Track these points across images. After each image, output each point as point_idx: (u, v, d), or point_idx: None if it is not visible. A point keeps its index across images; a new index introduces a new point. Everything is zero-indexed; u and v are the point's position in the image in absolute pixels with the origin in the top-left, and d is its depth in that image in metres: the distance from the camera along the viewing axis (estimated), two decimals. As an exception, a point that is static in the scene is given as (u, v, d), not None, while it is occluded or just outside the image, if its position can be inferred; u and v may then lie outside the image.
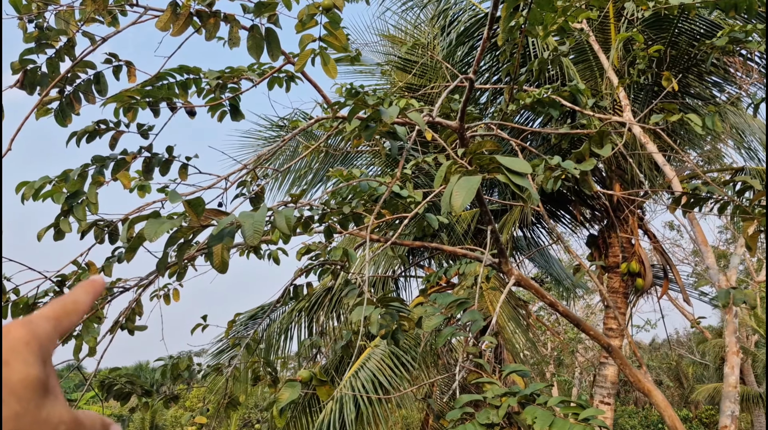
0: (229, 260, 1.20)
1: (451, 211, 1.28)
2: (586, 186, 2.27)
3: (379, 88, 7.02)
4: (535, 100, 3.35)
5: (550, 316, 20.11)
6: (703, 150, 7.84)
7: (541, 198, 7.62)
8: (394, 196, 3.20)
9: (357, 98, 1.67)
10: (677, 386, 31.76)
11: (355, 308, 2.02)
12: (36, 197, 2.30)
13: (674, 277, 7.07)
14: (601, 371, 7.12)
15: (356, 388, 5.83)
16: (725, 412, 3.41)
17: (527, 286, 3.26)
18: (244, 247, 3.46)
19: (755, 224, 2.47)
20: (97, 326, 2.70)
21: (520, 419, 2.04)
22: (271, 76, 2.87)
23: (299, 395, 6.62)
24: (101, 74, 2.55)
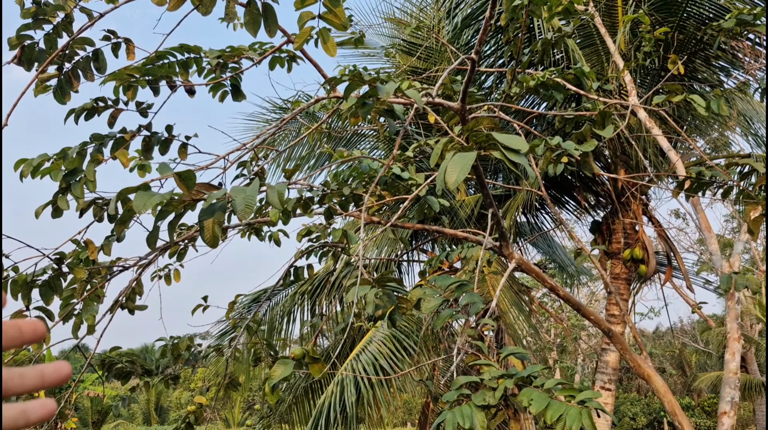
0: (221, 235, 1.19)
1: (447, 189, 1.26)
2: (587, 168, 2.25)
3: (383, 71, 6.97)
4: (539, 83, 3.31)
5: (553, 302, 20.13)
6: (711, 137, 7.78)
7: (545, 183, 7.58)
8: (395, 178, 3.19)
9: (353, 74, 1.65)
10: (680, 374, 31.82)
11: (351, 288, 2.01)
12: (34, 175, 2.29)
13: (678, 264, 7.04)
14: (603, 357, 7.12)
15: (357, 371, 5.85)
16: (725, 398, 3.40)
17: (528, 270, 3.25)
18: (245, 228, 3.45)
19: (759, 209, 2.44)
20: (96, 304, 2.70)
21: (517, 401, 2.04)
22: (273, 56, 2.85)
23: (301, 378, 6.63)
24: (100, 51, 2.53)
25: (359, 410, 6.02)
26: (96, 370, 3.61)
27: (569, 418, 1.86)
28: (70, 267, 2.47)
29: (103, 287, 2.81)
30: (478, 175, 2.44)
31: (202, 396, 3.31)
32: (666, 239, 7.21)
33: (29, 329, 0.51)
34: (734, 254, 3.59)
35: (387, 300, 2.19)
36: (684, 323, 34.11)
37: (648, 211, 7.20)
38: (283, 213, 2.74)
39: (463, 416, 1.98)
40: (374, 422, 6.72)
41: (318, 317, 6.89)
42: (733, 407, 3.38)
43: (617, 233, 7.01)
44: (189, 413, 3.49)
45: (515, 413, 2.01)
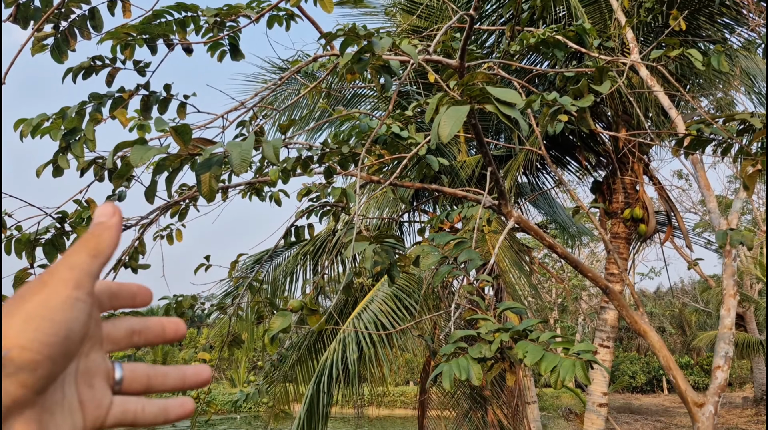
0: (217, 189, 1.21)
1: (441, 142, 1.28)
2: (584, 124, 2.25)
3: (384, 30, 6.89)
4: (539, 41, 3.28)
5: (554, 263, 20.25)
6: (715, 97, 7.71)
7: (546, 143, 7.56)
8: (395, 137, 3.19)
9: (349, 30, 1.65)
10: (680, 333, 32.18)
11: (350, 244, 2.04)
12: (34, 134, 2.30)
13: (678, 224, 7.06)
14: (602, 315, 7.21)
15: (359, 328, 5.94)
16: (719, 352, 3.46)
17: (527, 228, 3.27)
18: (246, 188, 3.47)
19: (758, 165, 2.45)
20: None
21: (512, 353, 2.08)
22: (270, 14, 2.83)
23: (304, 337, 6.70)
24: (96, 9, 2.51)
25: (361, 368, 6.13)
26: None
27: (563, 369, 1.91)
28: (73, 226, 2.50)
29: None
30: (477, 133, 2.44)
31: (206, 352, 3.38)
32: (667, 198, 7.22)
33: (171, 329, 0.52)
34: (732, 211, 3.61)
35: (385, 256, 2.23)
36: (684, 283, 34.36)
37: (649, 171, 7.19)
38: (283, 172, 2.75)
39: (460, 368, 2.03)
40: (376, 380, 6.86)
41: (318, 275, 6.97)
42: (726, 362, 3.44)
43: (618, 192, 7.02)
44: (194, 370, 3.56)
45: (511, 366, 2.05)
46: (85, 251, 0.45)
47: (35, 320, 0.39)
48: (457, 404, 7.33)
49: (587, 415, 7.21)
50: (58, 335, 0.40)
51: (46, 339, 0.40)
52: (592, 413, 7.11)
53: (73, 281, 0.42)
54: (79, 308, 0.42)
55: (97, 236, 0.46)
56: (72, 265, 0.43)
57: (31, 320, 0.39)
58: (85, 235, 0.47)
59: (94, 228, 0.47)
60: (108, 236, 0.46)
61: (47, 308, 0.40)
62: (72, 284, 0.42)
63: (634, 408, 23.21)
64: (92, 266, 0.44)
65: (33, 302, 0.40)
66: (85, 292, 0.43)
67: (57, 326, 0.40)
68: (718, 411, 3.36)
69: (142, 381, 0.49)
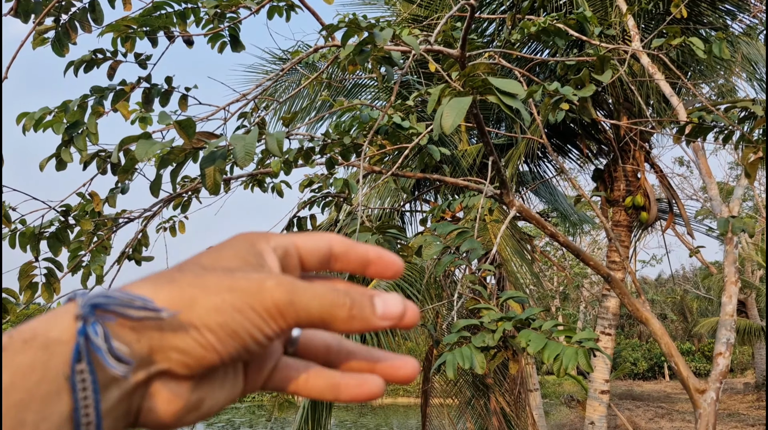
0: (221, 182, 1.21)
1: (443, 133, 1.28)
2: (585, 113, 2.25)
3: (384, 20, 6.87)
4: (540, 29, 3.28)
5: (556, 251, 20.27)
6: (716, 83, 7.69)
7: (547, 132, 7.55)
8: (396, 127, 3.19)
9: (350, 21, 1.65)
10: (681, 320, 32.26)
11: (352, 236, 2.05)
12: (37, 128, 2.31)
13: (679, 211, 7.07)
14: (603, 303, 7.23)
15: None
16: (721, 339, 3.48)
17: (528, 217, 3.28)
18: (248, 179, 3.48)
19: (759, 153, 2.45)
20: (103, 255, 2.75)
21: (515, 342, 2.10)
22: (270, 5, 2.82)
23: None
24: (96, 2, 2.51)
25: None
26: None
27: (565, 357, 1.92)
28: (77, 219, 2.51)
29: (109, 239, 2.86)
30: (478, 123, 2.45)
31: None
32: (668, 186, 7.22)
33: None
34: (734, 198, 3.61)
35: (388, 246, 2.24)
36: (686, 270, 34.41)
37: (650, 159, 7.19)
38: (285, 164, 2.76)
39: (463, 357, 2.05)
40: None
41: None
42: (728, 349, 3.46)
43: (619, 180, 7.02)
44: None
45: (514, 355, 2.07)
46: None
47: (228, 312, 0.34)
48: (460, 392, 7.37)
49: (589, 402, 7.25)
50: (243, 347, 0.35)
51: (228, 344, 0.35)
52: (594, 400, 7.15)
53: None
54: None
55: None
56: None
57: (224, 311, 0.34)
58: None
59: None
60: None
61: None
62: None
63: (636, 395, 23.32)
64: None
65: (237, 291, 0.35)
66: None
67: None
68: (719, 397, 3.38)
69: (320, 351, 0.42)
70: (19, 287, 2.51)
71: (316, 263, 0.41)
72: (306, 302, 0.36)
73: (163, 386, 0.34)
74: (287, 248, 0.40)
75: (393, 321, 0.38)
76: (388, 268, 0.42)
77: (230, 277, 0.35)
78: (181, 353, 0.33)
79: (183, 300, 0.34)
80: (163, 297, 0.33)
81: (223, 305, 0.34)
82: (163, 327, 0.33)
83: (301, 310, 0.36)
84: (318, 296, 0.36)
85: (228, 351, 0.35)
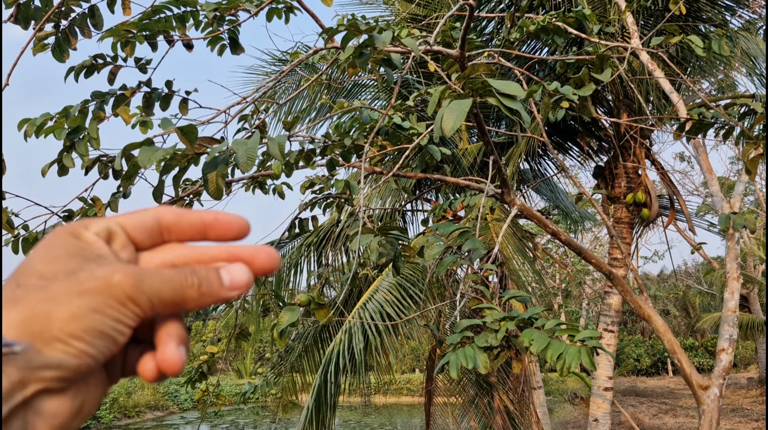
0: (224, 187, 1.22)
1: (444, 136, 1.28)
2: (585, 112, 2.26)
3: (382, 19, 6.87)
4: (539, 28, 3.28)
5: (558, 248, 20.26)
6: (716, 78, 7.68)
7: (548, 130, 7.55)
8: (397, 128, 3.19)
9: (350, 24, 1.65)
10: (684, 315, 32.26)
11: (355, 237, 2.06)
12: (38, 134, 2.31)
13: (681, 207, 7.07)
14: (606, 300, 7.23)
15: (364, 318, 5.97)
16: (724, 335, 3.48)
17: (530, 215, 3.29)
18: (249, 182, 3.48)
19: (760, 149, 2.45)
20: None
21: (518, 341, 2.10)
22: (269, 7, 2.83)
23: (310, 327, 6.73)
24: (96, 7, 2.52)
25: (367, 357, 6.17)
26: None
27: (569, 356, 1.93)
28: (79, 224, 2.51)
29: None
30: (478, 122, 2.45)
31: (213, 346, 3.40)
32: (669, 182, 7.22)
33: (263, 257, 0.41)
34: (735, 194, 3.61)
35: (390, 248, 2.24)
36: (688, 265, 34.41)
37: (651, 155, 7.19)
38: (286, 165, 2.77)
39: (467, 357, 2.05)
40: (383, 369, 6.90)
41: (324, 267, 7.00)
42: (731, 345, 3.46)
43: (620, 177, 7.02)
44: (202, 363, 3.59)
45: (517, 354, 2.07)
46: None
47: (87, 316, 0.34)
48: (464, 390, 7.37)
49: (593, 399, 7.25)
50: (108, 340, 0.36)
51: (98, 344, 0.35)
52: (598, 397, 7.16)
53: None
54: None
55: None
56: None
57: (80, 318, 0.34)
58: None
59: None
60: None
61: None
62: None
63: (639, 391, 23.31)
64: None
65: (87, 294, 0.35)
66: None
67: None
68: (722, 393, 3.39)
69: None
70: (23, 293, 2.51)
71: (146, 237, 0.41)
72: (156, 289, 0.36)
73: (46, 402, 0.34)
74: (110, 230, 0.39)
75: (242, 289, 0.39)
76: (230, 229, 0.42)
77: (76, 281, 0.35)
78: (54, 370, 0.33)
79: (37, 319, 0.33)
80: (14, 321, 0.33)
81: (80, 311, 0.34)
82: (26, 353, 0.33)
83: (153, 296, 0.36)
84: (166, 280, 0.37)
85: (100, 351, 0.35)
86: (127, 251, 0.40)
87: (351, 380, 6.51)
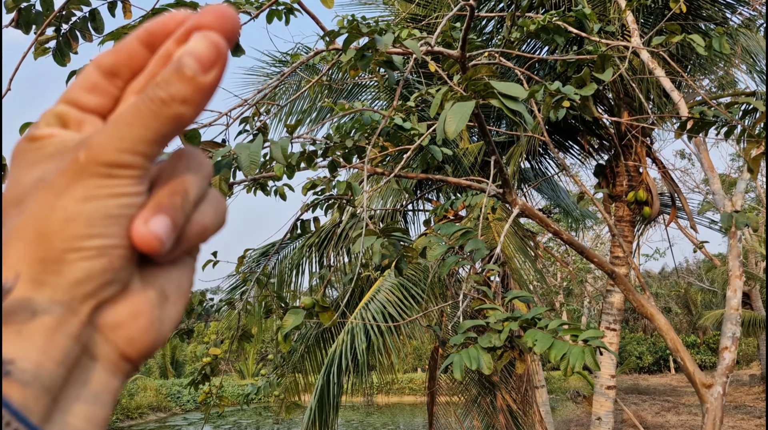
0: (227, 192, 1.22)
1: (447, 138, 1.29)
2: (587, 112, 2.26)
3: (382, 20, 6.87)
4: (539, 27, 3.28)
5: (559, 247, 20.25)
6: (716, 76, 7.68)
7: (549, 128, 7.55)
8: (398, 128, 3.20)
9: (351, 26, 1.66)
10: (686, 313, 32.24)
11: (357, 239, 2.06)
12: (40, 138, 2.31)
13: (682, 204, 7.07)
14: (608, 298, 7.23)
15: (366, 319, 5.98)
16: (726, 333, 3.48)
17: (531, 215, 3.29)
18: (250, 184, 3.49)
19: (759, 147, 2.45)
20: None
21: (522, 342, 2.10)
22: (270, 9, 2.83)
23: (312, 328, 6.74)
24: (96, 11, 2.52)
25: (370, 357, 6.18)
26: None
27: (572, 356, 1.93)
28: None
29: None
30: (480, 122, 2.45)
31: (216, 348, 3.41)
32: (670, 180, 7.22)
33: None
34: (737, 192, 3.61)
35: (393, 249, 2.24)
36: (689, 262, 34.40)
37: (652, 153, 7.19)
38: (288, 167, 2.77)
39: (470, 358, 2.05)
40: (385, 368, 6.91)
41: (326, 269, 7.00)
42: (734, 343, 3.46)
43: (621, 175, 7.02)
44: (205, 365, 3.60)
45: (520, 354, 2.08)
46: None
47: (78, 213, 0.29)
48: (466, 390, 7.38)
49: (596, 398, 7.25)
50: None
51: (111, 230, 0.30)
52: (601, 395, 7.16)
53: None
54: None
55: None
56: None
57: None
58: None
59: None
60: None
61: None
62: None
63: (642, 389, 23.31)
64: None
65: (66, 192, 0.29)
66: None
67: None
68: (726, 391, 3.39)
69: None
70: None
71: (100, 96, 0.33)
72: (131, 136, 0.30)
73: (109, 315, 0.30)
74: (59, 113, 0.33)
75: (217, 60, 0.30)
76: (166, 28, 0.32)
77: (47, 186, 0.30)
78: (87, 282, 0.29)
79: (32, 245, 0.29)
80: (14, 261, 0.29)
81: (69, 210, 0.29)
82: (44, 281, 0.28)
83: (137, 145, 0.30)
84: (134, 119, 0.30)
85: (124, 235, 0.30)
86: (88, 123, 0.33)
87: (353, 380, 6.52)
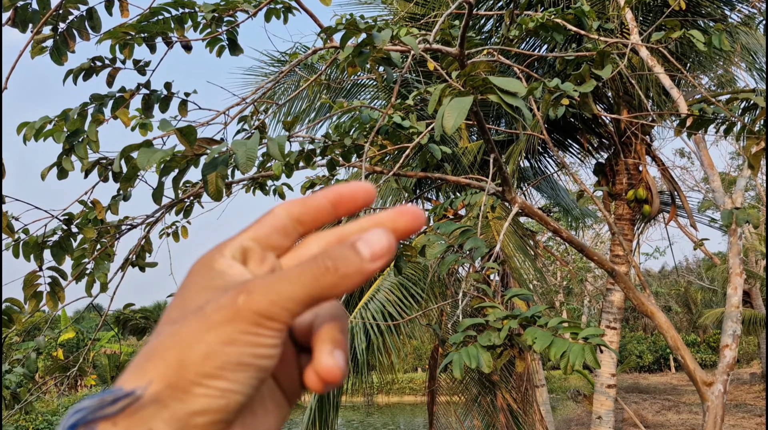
0: (224, 188, 1.21)
1: (446, 134, 1.28)
2: (586, 109, 2.25)
3: (381, 19, 6.86)
4: (538, 25, 3.27)
5: (559, 246, 20.25)
6: (715, 73, 7.67)
7: (548, 127, 7.54)
8: (397, 127, 3.19)
9: (348, 23, 1.65)
10: (686, 311, 32.24)
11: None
12: (37, 137, 2.31)
13: (682, 203, 7.06)
14: (608, 297, 7.22)
15: (366, 318, 5.97)
16: (727, 331, 3.47)
17: (531, 213, 3.28)
18: (249, 183, 3.48)
19: (759, 144, 2.44)
20: (107, 263, 2.76)
21: (521, 340, 2.09)
22: (268, 8, 2.82)
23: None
24: (93, 10, 2.51)
25: (370, 357, 6.16)
26: (111, 328, 3.69)
27: (572, 354, 1.92)
28: (79, 227, 2.51)
29: (113, 246, 2.86)
30: (479, 120, 2.44)
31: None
32: (670, 178, 7.21)
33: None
34: (737, 190, 3.60)
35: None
36: (689, 261, 34.41)
37: (651, 151, 7.18)
38: (286, 166, 2.76)
39: (470, 357, 2.04)
40: (385, 368, 6.90)
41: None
42: (735, 341, 3.45)
43: (621, 174, 7.01)
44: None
45: (520, 353, 2.07)
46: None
47: (220, 352, 0.31)
48: (466, 389, 7.37)
49: (596, 396, 7.25)
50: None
51: (241, 378, 0.32)
52: (601, 394, 7.15)
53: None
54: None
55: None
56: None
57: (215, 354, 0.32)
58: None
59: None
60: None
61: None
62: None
63: (642, 387, 23.30)
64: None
65: (215, 328, 0.32)
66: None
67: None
68: (726, 389, 3.38)
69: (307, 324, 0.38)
70: (24, 297, 2.52)
71: (282, 238, 0.37)
72: (287, 292, 0.32)
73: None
74: (244, 247, 0.36)
75: (385, 255, 0.34)
76: (355, 197, 0.37)
77: (202, 317, 0.32)
78: (202, 416, 0.31)
79: (171, 368, 0.31)
80: (151, 376, 0.31)
81: (210, 348, 0.31)
82: (167, 404, 0.30)
83: (289, 302, 0.32)
84: (296, 278, 0.33)
85: (246, 383, 0.32)
86: (267, 262, 0.36)
87: (354, 380, 6.51)
